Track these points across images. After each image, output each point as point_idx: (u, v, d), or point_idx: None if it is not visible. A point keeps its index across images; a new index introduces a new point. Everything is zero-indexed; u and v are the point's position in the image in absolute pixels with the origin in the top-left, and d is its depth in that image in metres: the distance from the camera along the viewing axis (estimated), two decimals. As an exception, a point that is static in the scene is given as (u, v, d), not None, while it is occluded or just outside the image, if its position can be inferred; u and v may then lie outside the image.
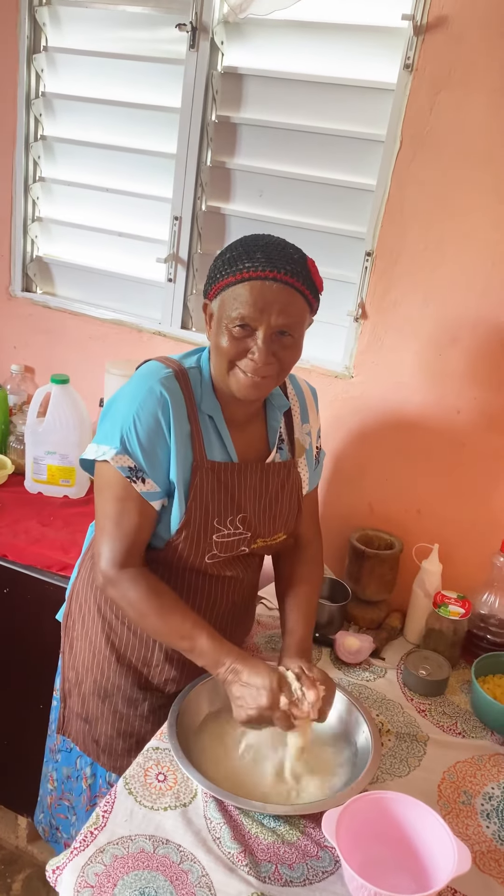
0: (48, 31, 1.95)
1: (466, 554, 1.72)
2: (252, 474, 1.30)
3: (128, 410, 1.20)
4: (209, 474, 1.25)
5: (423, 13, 1.50)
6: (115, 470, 1.20)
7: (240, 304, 1.14)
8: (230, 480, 1.27)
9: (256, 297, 1.13)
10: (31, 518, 1.86)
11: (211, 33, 1.73)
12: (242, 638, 1.53)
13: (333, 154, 1.71)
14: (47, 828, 1.60)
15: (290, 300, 1.15)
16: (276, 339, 1.17)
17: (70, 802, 1.52)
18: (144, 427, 1.19)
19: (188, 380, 1.24)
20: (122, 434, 1.19)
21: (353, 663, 1.56)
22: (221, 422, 1.26)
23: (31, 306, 2.14)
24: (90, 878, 1.04)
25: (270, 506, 1.33)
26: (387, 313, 1.70)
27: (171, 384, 1.21)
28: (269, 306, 1.13)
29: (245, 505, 1.29)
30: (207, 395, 1.25)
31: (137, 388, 1.21)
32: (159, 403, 1.19)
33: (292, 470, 1.37)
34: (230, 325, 1.15)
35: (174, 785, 1.20)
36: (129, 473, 1.20)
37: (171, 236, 1.90)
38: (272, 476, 1.33)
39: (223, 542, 1.29)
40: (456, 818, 1.22)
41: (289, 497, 1.36)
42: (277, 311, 1.14)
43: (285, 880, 1.08)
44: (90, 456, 1.24)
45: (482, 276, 1.58)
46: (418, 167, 1.59)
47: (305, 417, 1.40)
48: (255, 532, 1.32)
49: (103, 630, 1.38)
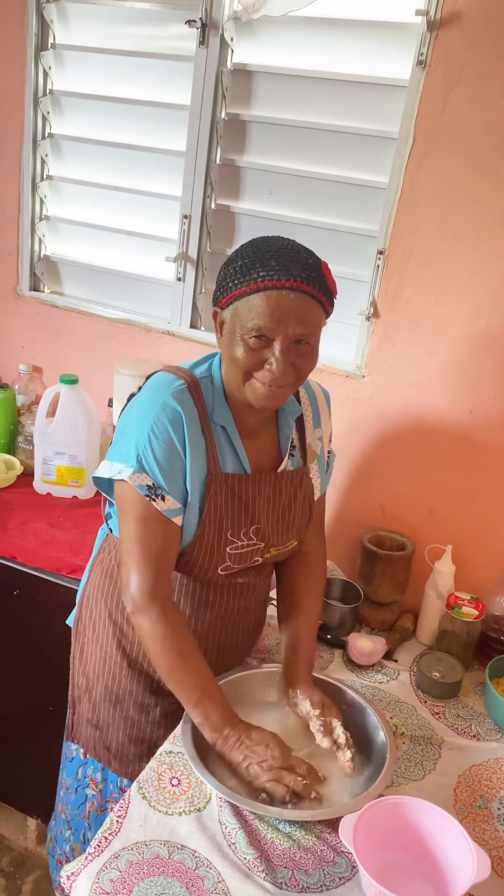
0: (56, 29, 1.93)
1: (479, 555, 1.70)
2: (266, 485, 1.28)
3: (142, 427, 1.17)
4: (223, 486, 1.23)
5: (437, 9, 1.48)
6: (134, 489, 1.17)
7: (255, 314, 1.11)
8: (244, 492, 1.25)
9: (273, 307, 1.10)
10: (40, 519, 1.85)
11: (221, 30, 1.71)
12: (253, 643, 1.52)
13: (345, 151, 1.70)
14: (53, 837, 1.59)
15: (307, 309, 1.12)
16: (294, 349, 1.14)
17: (66, 816, 1.50)
18: (160, 444, 1.17)
19: (200, 390, 1.21)
20: (137, 452, 1.17)
21: (365, 665, 1.55)
22: (234, 432, 1.24)
23: (39, 306, 2.13)
24: (105, 884, 1.04)
25: (284, 514, 1.32)
26: (399, 312, 1.68)
27: (184, 397, 1.18)
28: (286, 316, 1.11)
29: (259, 516, 1.28)
30: (219, 404, 1.23)
31: (150, 403, 1.19)
32: (173, 419, 1.17)
33: (304, 477, 1.35)
34: (246, 336, 1.13)
35: (188, 789, 1.19)
36: (147, 492, 1.17)
37: (180, 235, 1.89)
38: (285, 485, 1.31)
39: (236, 553, 1.27)
40: (473, 823, 1.21)
41: (301, 504, 1.35)
42: (295, 322, 1.11)
43: (302, 886, 1.06)
44: (105, 474, 1.22)
45: (496, 275, 1.57)
46: (431, 164, 1.57)
47: (317, 422, 1.38)
48: (269, 542, 1.31)
49: (114, 635, 1.37)
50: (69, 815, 1.49)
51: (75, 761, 1.47)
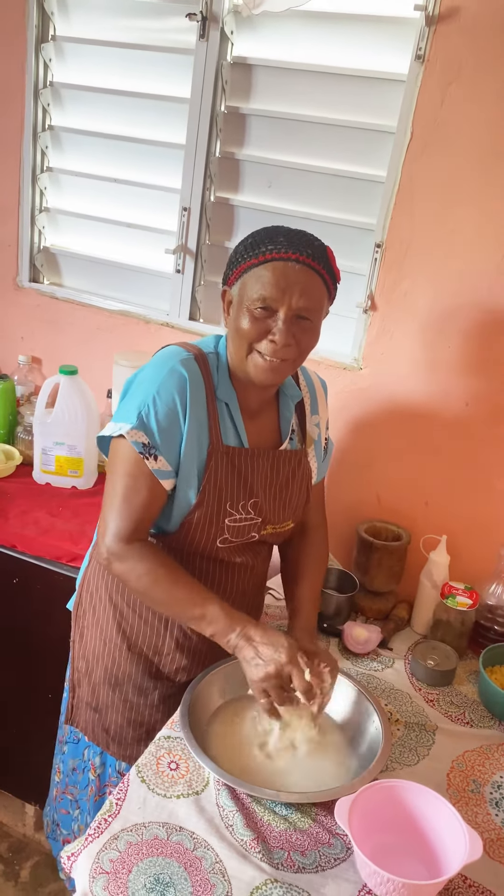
0: (56, 21, 1.94)
1: (474, 545, 1.72)
2: (264, 461, 1.32)
3: (148, 389, 1.21)
4: (224, 458, 1.26)
5: (436, 4, 1.49)
6: (129, 445, 1.20)
7: (262, 284, 1.15)
8: (243, 465, 1.29)
9: (279, 277, 1.15)
10: (39, 509, 1.86)
11: (221, 23, 1.72)
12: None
13: (343, 145, 1.71)
14: (50, 822, 1.61)
15: (311, 283, 1.16)
16: (296, 323, 1.18)
17: (73, 796, 1.53)
18: (163, 405, 1.20)
19: (207, 364, 1.25)
20: (139, 410, 1.20)
21: (361, 653, 1.57)
22: (236, 409, 1.28)
23: (39, 297, 2.14)
24: (105, 864, 1.06)
25: (281, 493, 1.35)
26: (396, 305, 1.70)
27: (192, 366, 1.22)
28: (290, 287, 1.15)
29: (257, 490, 1.31)
30: (224, 381, 1.26)
31: (159, 368, 1.22)
32: (179, 384, 1.20)
33: (303, 459, 1.38)
34: (251, 307, 1.17)
35: (186, 773, 1.21)
36: (142, 449, 1.20)
37: (179, 227, 1.90)
38: (283, 464, 1.34)
39: (235, 526, 1.30)
40: (465, 806, 1.23)
41: (299, 485, 1.38)
42: (299, 293, 1.16)
43: (298, 867, 1.09)
44: (107, 433, 1.25)
45: (493, 268, 1.58)
46: (429, 159, 1.58)
47: (315, 409, 1.42)
48: (266, 518, 1.34)
49: (114, 618, 1.39)
50: (77, 795, 1.51)
51: (81, 743, 1.49)
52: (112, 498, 1.23)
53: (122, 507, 1.22)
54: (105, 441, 1.27)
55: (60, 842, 1.58)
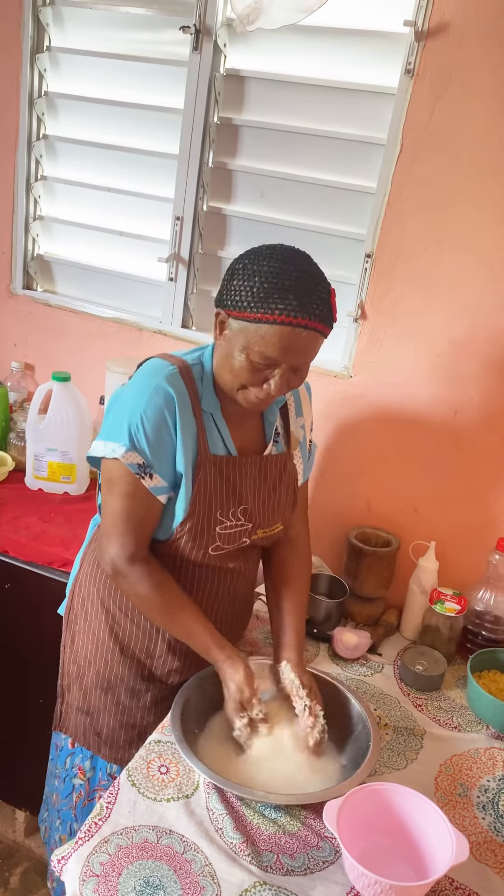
0: (51, 32, 1.96)
1: (462, 551, 1.74)
2: (252, 466, 1.33)
3: (135, 408, 1.22)
4: (212, 468, 1.27)
5: (425, 19, 1.52)
6: (125, 467, 1.22)
7: (266, 345, 1.15)
8: (231, 473, 1.30)
9: (286, 343, 1.15)
10: (31, 514, 1.87)
11: (214, 36, 1.75)
12: (241, 631, 1.56)
13: (334, 156, 1.73)
14: (48, 827, 1.61)
15: (315, 343, 1.18)
16: (291, 370, 1.20)
17: (56, 806, 1.53)
18: (152, 424, 1.21)
19: (192, 377, 1.26)
20: (130, 431, 1.22)
21: (350, 658, 1.58)
22: (220, 418, 1.29)
23: (32, 304, 2.16)
24: (95, 867, 1.06)
25: (269, 496, 1.37)
26: (386, 314, 1.72)
27: (177, 382, 1.23)
28: (294, 350, 1.16)
29: (246, 496, 1.32)
30: (208, 392, 1.27)
31: (144, 385, 1.23)
32: (166, 401, 1.21)
33: (288, 462, 1.40)
34: (254, 358, 1.17)
35: (176, 777, 1.22)
36: (137, 470, 1.22)
37: (172, 236, 1.92)
38: (270, 468, 1.36)
39: (226, 533, 1.31)
40: (453, 810, 1.25)
41: (286, 488, 1.40)
42: (302, 353, 1.18)
43: (287, 869, 1.10)
44: (98, 453, 1.26)
45: (480, 279, 1.61)
46: (418, 170, 1.61)
47: (300, 411, 1.44)
48: (256, 523, 1.35)
49: (107, 622, 1.40)
50: (59, 805, 1.52)
51: (63, 751, 1.49)
52: (114, 518, 1.27)
53: (124, 527, 1.26)
54: (96, 459, 1.29)
55: (50, 848, 1.58)
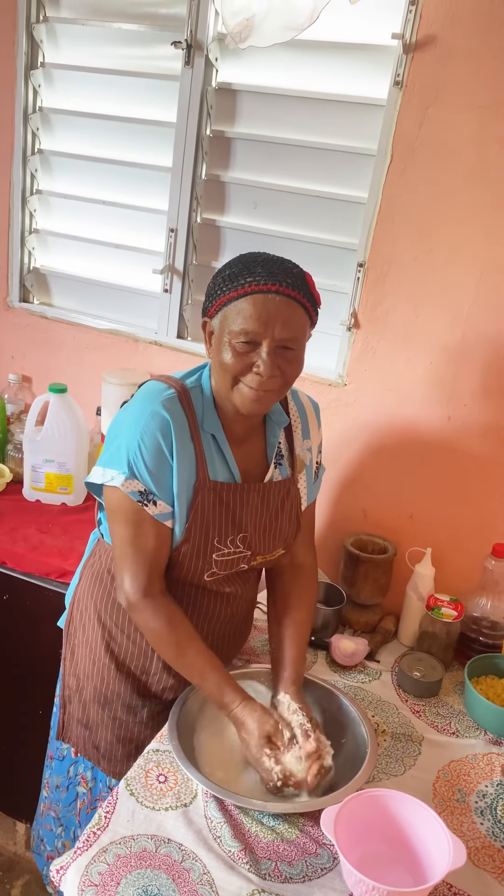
0: (45, 48, 1.98)
1: (458, 558, 1.75)
2: (254, 494, 1.31)
3: (132, 435, 1.21)
4: (211, 494, 1.26)
5: (413, 32, 1.54)
6: (126, 495, 1.22)
7: (243, 318, 1.15)
8: (232, 500, 1.29)
9: (260, 310, 1.14)
10: (29, 525, 1.88)
11: (206, 50, 1.77)
12: (240, 647, 1.55)
13: (326, 167, 1.75)
14: (36, 837, 1.61)
15: (292, 312, 1.17)
16: (280, 353, 1.18)
17: (56, 814, 1.53)
18: (149, 451, 1.21)
19: (190, 399, 1.25)
20: (128, 459, 1.21)
21: (348, 666, 1.59)
22: (223, 439, 1.28)
23: (29, 317, 2.17)
24: (94, 876, 1.06)
25: (271, 524, 1.35)
26: (378, 323, 1.74)
27: (174, 406, 1.22)
28: (272, 319, 1.15)
29: (246, 524, 1.31)
30: (209, 413, 1.26)
31: (140, 411, 1.22)
32: (162, 427, 1.20)
33: (292, 487, 1.38)
34: (234, 340, 1.17)
35: (175, 786, 1.22)
36: (139, 498, 1.22)
37: (166, 248, 1.94)
38: (273, 494, 1.34)
39: (223, 560, 1.31)
40: (451, 815, 1.25)
41: (288, 514, 1.38)
42: (281, 324, 1.16)
43: (285, 877, 1.10)
44: (97, 480, 1.26)
45: (471, 286, 1.62)
46: (408, 180, 1.63)
47: (307, 433, 1.41)
48: (255, 550, 1.34)
49: (103, 638, 1.40)
50: (60, 812, 1.52)
51: (66, 759, 1.50)
52: (122, 548, 1.26)
53: (134, 558, 1.25)
54: (96, 486, 1.28)
55: (45, 857, 1.58)
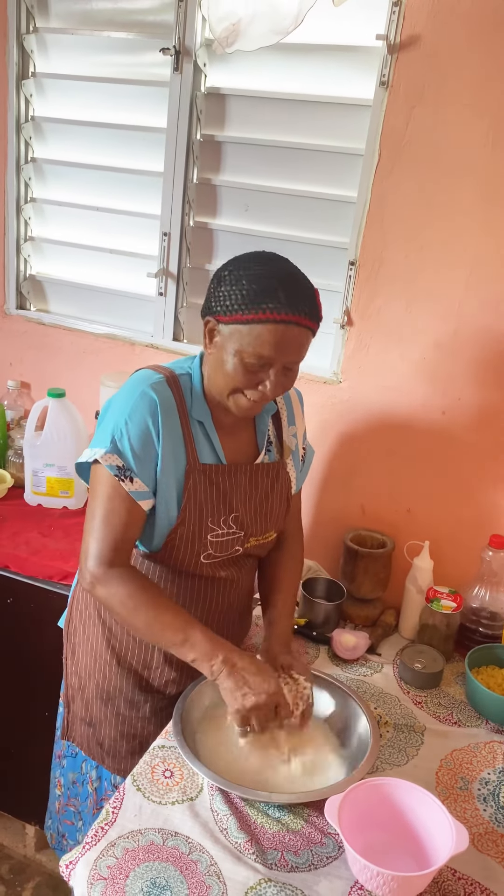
0: (36, 58, 2.01)
1: (456, 550, 1.77)
2: (242, 475, 1.35)
3: (120, 414, 1.24)
4: (201, 476, 1.30)
5: (397, 33, 1.56)
6: (105, 469, 1.24)
7: (260, 344, 1.17)
8: (222, 482, 1.32)
9: (278, 340, 1.17)
10: (31, 529, 1.90)
11: (194, 56, 1.79)
12: (240, 640, 1.57)
13: (315, 168, 1.78)
14: (55, 834, 1.63)
15: (305, 339, 1.21)
16: (284, 371, 1.23)
17: (76, 808, 1.55)
18: (135, 428, 1.23)
19: (179, 386, 1.28)
20: (112, 435, 1.24)
21: (350, 659, 1.60)
22: (211, 427, 1.31)
23: (26, 323, 2.19)
24: (103, 870, 1.08)
25: (261, 505, 1.38)
26: (371, 320, 1.76)
27: (163, 389, 1.25)
28: (287, 347, 1.19)
29: (237, 505, 1.34)
30: (198, 401, 1.30)
31: (130, 392, 1.26)
32: (150, 407, 1.23)
33: (281, 470, 1.42)
34: (246, 360, 1.19)
35: (180, 780, 1.24)
36: (117, 472, 1.24)
37: (160, 252, 1.96)
38: (262, 476, 1.38)
39: (217, 541, 1.33)
40: (454, 803, 1.27)
41: (279, 496, 1.41)
42: (294, 351, 1.20)
43: (291, 866, 1.11)
44: (83, 459, 1.29)
45: (461, 282, 1.64)
46: (397, 179, 1.65)
47: (292, 420, 1.46)
48: (248, 531, 1.37)
49: (103, 634, 1.42)
50: (79, 807, 1.54)
51: (78, 756, 1.51)
52: (92, 521, 1.26)
53: (101, 530, 1.25)
54: (82, 467, 1.31)
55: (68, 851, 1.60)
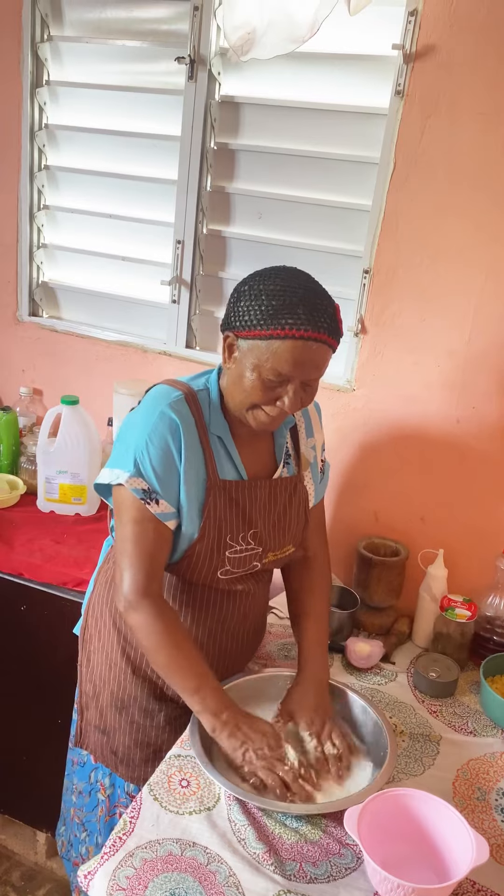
0: (50, 66, 2.02)
1: (470, 558, 1.76)
2: (262, 490, 1.35)
3: (140, 435, 1.24)
4: (222, 493, 1.29)
5: (412, 42, 1.57)
6: (130, 493, 1.24)
7: (279, 360, 1.17)
8: (241, 497, 1.32)
9: (298, 357, 1.17)
10: (44, 536, 1.90)
11: (208, 65, 1.80)
12: (254, 649, 1.57)
13: (329, 177, 1.78)
14: (65, 842, 1.63)
15: (325, 356, 1.21)
16: (303, 387, 1.23)
17: (80, 819, 1.55)
18: (157, 450, 1.23)
19: (198, 402, 1.28)
20: (135, 458, 1.24)
21: (364, 668, 1.60)
22: (230, 441, 1.31)
23: (39, 330, 2.20)
24: (121, 881, 1.08)
25: (280, 520, 1.38)
26: (385, 328, 1.76)
27: (182, 408, 1.25)
28: (307, 364, 1.18)
29: (256, 520, 1.34)
30: (216, 415, 1.29)
31: (149, 412, 1.25)
32: (170, 427, 1.23)
33: (299, 484, 1.41)
34: (266, 376, 1.19)
35: (198, 790, 1.24)
36: (142, 495, 1.24)
37: (174, 259, 1.96)
38: (280, 491, 1.38)
39: (236, 557, 1.33)
40: (472, 814, 1.26)
41: (296, 510, 1.41)
42: (313, 367, 1.20)
43: (310, 877, 1.11)
44: (104, 480, 1.28)
45: (476, 290, 1.64)
46: (412, 188, 1.65)
47: (310, 432, 1.45)
48: (266, 546, 1.37)
49: (119, 643, 1.42)
50: (84, 818, 1.53)
51: (87, 766, 1.51)
52: (124, 545, 1.27)
53: (133, 555, 1.25)
54: (103, 487, 1.31)
55: (72, 863, 1.59)
